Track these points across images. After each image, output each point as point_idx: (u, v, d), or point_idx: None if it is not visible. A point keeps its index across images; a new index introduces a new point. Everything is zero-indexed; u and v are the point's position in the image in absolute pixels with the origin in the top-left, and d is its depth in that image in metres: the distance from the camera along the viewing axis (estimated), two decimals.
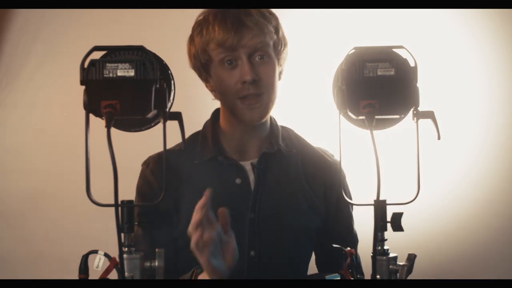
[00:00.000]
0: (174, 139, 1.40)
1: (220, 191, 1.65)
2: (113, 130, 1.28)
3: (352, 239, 1.87)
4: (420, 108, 1.38)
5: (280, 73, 1.80)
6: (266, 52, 1.71)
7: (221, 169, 1.77)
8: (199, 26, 1.74)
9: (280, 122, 1.89)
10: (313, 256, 1.90)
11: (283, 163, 1.81)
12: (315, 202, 1.81)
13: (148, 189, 1.78)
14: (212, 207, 1.53)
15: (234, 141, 1.79)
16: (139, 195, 1.80)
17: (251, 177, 1.78)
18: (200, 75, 1.80)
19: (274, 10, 1.79)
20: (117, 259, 1.32)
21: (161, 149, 1.34)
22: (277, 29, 1.74)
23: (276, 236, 1.75)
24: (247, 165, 1.79)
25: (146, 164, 1.83)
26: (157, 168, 1.78)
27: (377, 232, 1.39)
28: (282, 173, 1.80)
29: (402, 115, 1.38)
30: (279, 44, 1.74)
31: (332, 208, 1.84)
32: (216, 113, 1.84)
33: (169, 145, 1.36)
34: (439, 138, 1.41)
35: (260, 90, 1.71)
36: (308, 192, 1.81)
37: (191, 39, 1.77)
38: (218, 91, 1.76)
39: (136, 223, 1.42)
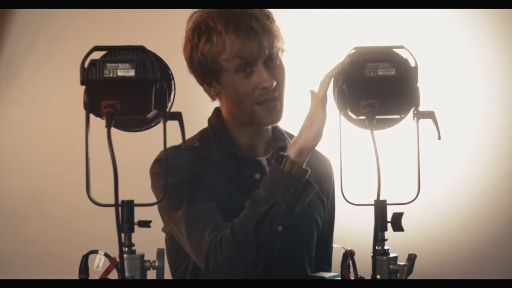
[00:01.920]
0: (174, 139, 1.40)
1: (240, 186, 1.65)
2: (113, 130, 1.28)
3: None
4: (421, 108, 1.37)
5: None
6: (277, 55, 1.72)
7: (240, 164, 1.76)
8: (206, 33, 1.69)
9: (280, 122, 1.88)
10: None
11: None
12: (319, 194, 1.82)
13: (175, 173, 1.66)
14: (232, 205, 1.56)
15: (244, 139, 1.80)
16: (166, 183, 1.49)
17: None
18: (202, 80, 1.76)
19: (274, 10, 1.78)
20: (117, 259, 1.32)
21: (161, 149, 1.34)
22: (279, 28, 1.74)
23: (296, 228, 1.76)
24: (263, 160, 1.79)
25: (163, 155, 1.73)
26: (176, 153, 1.66)
27: (378, 232, 1.39)
28: None
29: (403, 115, 1.38)
30: (283, 43, 1.74)
31: (328, 202, 1.86)
32: (218, 110, 1.83)
33: (169, 146, 1.36)
34: (439, 138, 1.41)
35: (276, 93, 1.71)
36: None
37: (194, 44, 1.71)
38: (232, 98, 1.74)
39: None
